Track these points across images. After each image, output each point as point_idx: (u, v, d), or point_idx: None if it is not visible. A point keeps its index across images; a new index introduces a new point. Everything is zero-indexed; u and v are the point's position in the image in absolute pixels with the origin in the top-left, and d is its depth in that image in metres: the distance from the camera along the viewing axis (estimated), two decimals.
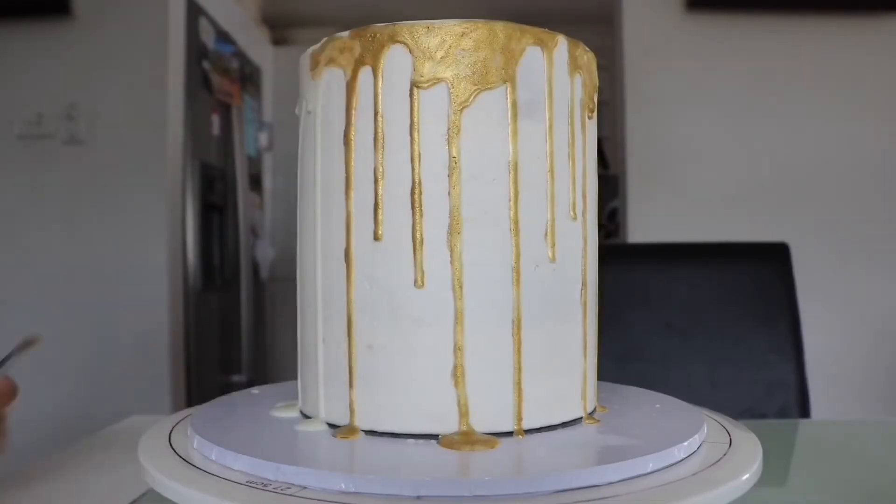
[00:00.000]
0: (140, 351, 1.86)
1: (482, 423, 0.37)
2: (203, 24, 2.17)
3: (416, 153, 0.38)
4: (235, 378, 2.29)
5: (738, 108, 1.91)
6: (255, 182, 2.72)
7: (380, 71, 0.38)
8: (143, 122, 1.88)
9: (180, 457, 0.36)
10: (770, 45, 1.91)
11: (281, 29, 3.32)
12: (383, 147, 0.38)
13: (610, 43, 2.02)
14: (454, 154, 0.38)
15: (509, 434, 0.38)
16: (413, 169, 0.38)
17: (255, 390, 0.51)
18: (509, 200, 0.38)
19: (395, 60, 0.38)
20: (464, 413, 0.37)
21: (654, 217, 1.90)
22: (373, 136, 0.38)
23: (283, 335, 2.80)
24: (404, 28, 0.38)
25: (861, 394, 1.85)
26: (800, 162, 1.90)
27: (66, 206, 1.88)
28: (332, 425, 0.39)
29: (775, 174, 1.90)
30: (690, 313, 1.06)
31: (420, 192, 0.37)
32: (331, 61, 0.40)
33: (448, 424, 0.37)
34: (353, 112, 0.39)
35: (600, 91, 0.46)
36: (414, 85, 0.38)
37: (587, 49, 0.43)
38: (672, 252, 1.18)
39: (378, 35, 0.38)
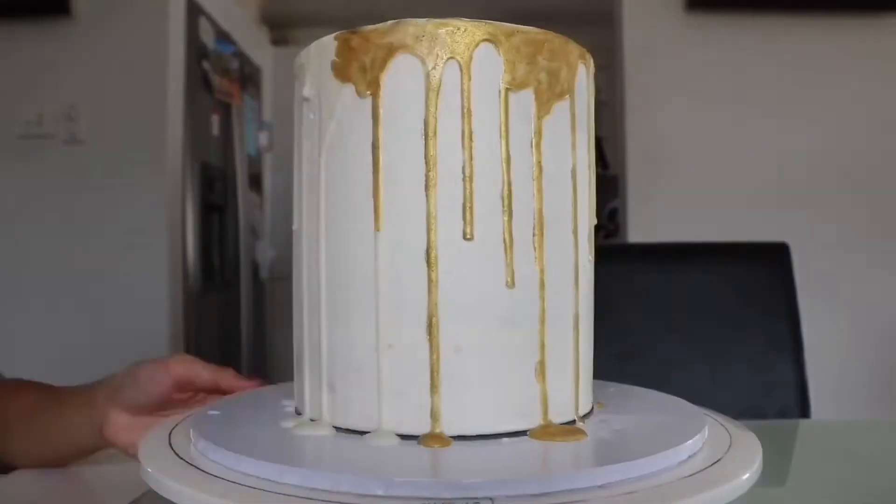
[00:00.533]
0: (140, 351, 1.85)
1: (559, 415, 0.39)
2: (203, 24, 2.17)
3: (505, 155, 0.38)
4: None
5: (738, 107, 1.91)
6: (255, 182, 2.72)
7: (470, 67, 0.37)
8: (143, 122, 1.88)
9: (180, 457, 0.36)
10: (770, 45, 1.91)
11: (281, 29, 3.32)
12: (471, 146, 0.37)
13: (610, 43, 2.02)
14: (537, 159, 0.39)
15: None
16: (504, 170, 0.38)
17: (267, 389, 0.51)
18: (572, 205, 0.41)
19: (486, 59, 0.38)
20: (545, 407, 0.39)
21: (654, 217, 1.90)
22: (460, 134, 0.37)
23: (283, 335, 2.80)
24: (491, 26, 0.38)
25: (861, 393, 1.85)
26: (800, 162, 1.90)
27: (66, 206, 1.88)
28: (402, 435, 0.38)
29: (775, 174, 1.90)
30: (690, 313, 1.06)
31: (510, 194, 0.38)
32: (403, 47, 0.38)
33: (532, 419, 0.39)
34: (436, 107, 0.37)
35: (600, 91, 0.47)
36: (506, 87, 0.38)
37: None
38: (672, 252, 1.18)
39: (466, 29, 0.38)
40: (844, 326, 1.85)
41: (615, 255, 1.13)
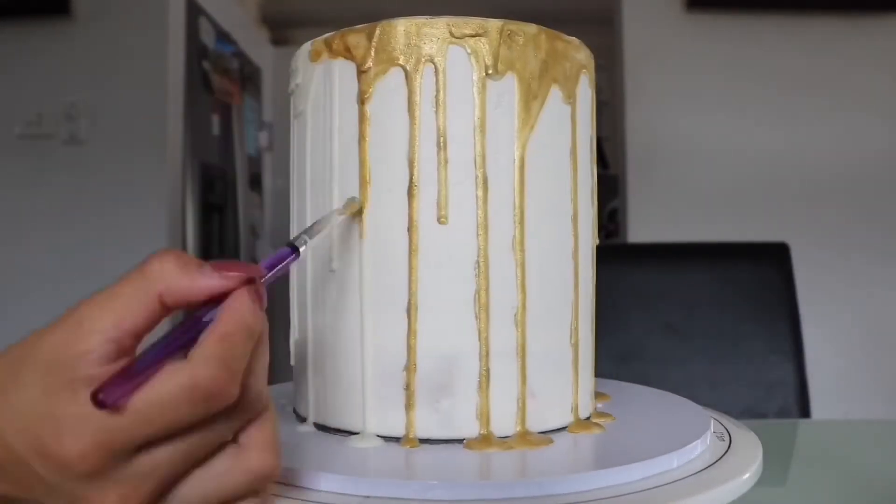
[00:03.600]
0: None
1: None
2: (203, 24, 2.17)
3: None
4: None
5: (738, 107, 1.91)
6: (255, 182, 2.72)
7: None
8: (143, 122, 1.87)
9: None
10: (770, 44, 1.91)
11: (281, 29, 3.31)
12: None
13: (610, 43, 2.02)
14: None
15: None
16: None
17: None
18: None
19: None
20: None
21: (654, 217, 1.90)
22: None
23: (282, 335, 2.80)
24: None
25: (861, 394, 1.84)
26: (800, 162, 1.89)
27: (66, 206, 1.88)
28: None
29: (775, 174, 1.89)
30: (690, 313, 1.06)
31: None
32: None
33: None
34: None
35: (600, 91, 0.47)
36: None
37: None
38: (672, 252, 1.18)
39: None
40: (844, 326, 1.85)
41: (615, 255, 1.13)
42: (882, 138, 1.90)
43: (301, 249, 0.34)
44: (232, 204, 2.41)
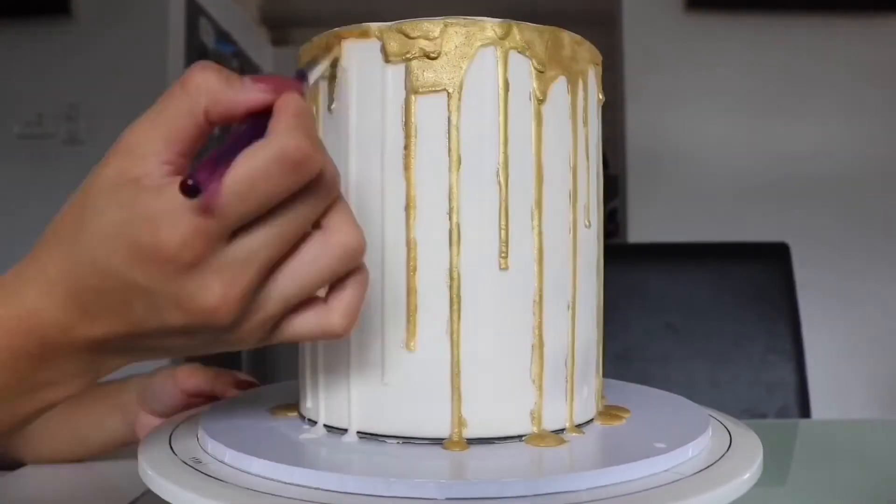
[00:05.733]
0: None
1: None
2: (203, 24, 2.17)
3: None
4: None
5: (738, 108, 1.91)
6: None
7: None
8: None
9: (181, 459, 0.36)
10: (770, 44, 1.91)
11: (281, 29, 3.31)
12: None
13: (610, 43, 2.02)
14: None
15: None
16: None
17: (266, 388, 0.51)
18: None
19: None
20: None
21: (654, 217, 1.90)
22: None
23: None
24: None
25: (861, 393, 1.85)
26: (800, 162, 1.90)
27: None
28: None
29: (775, 174, 1.90)
30: (690, 313, 1.06)
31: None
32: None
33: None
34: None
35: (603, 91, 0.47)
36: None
37: None
38: (672, 252, 1.18)
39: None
40: (844, 326, 1.85)
41: (615, 255, 1.13)
42: (882, 138, 1.90)
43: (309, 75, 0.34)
44: None
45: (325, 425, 0.39)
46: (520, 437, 0.37)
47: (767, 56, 1.91)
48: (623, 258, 1.13)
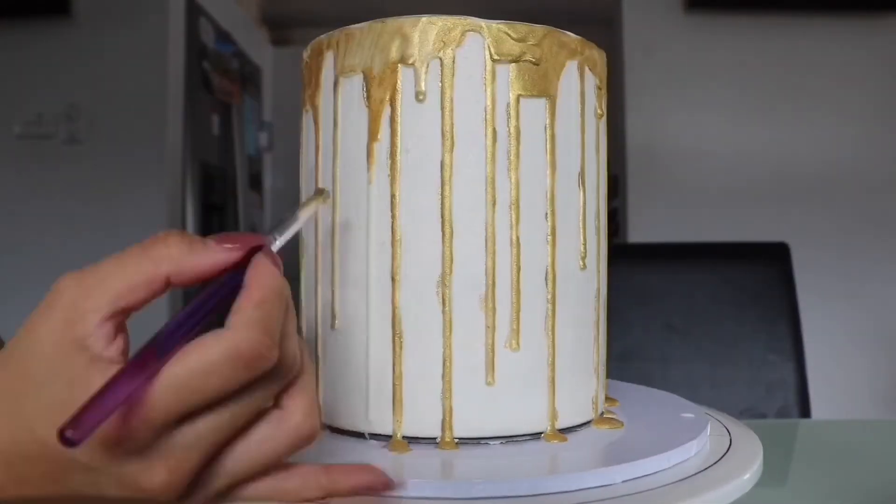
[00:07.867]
0: None
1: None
2: (203, 24, 2.16)
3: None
4: None
5: (738, 108, 1.91)
6: (255, 182, 2.72)
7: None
8: (143, 122, 1.87)
9: None
10: (770, 44, 1.91)
11: (281, 29, 3.31)
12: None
13: (610, 43, 2.02)
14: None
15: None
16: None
17: None
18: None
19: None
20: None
21: (654, 217, 1.90)
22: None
23: None
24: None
25: (861, 393, 1.85)
26: (800, 162, 1.90)
27: (66, 205, 1.88)
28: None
29: (775, 174, 1.89)
30: (690, 313, 1.06)
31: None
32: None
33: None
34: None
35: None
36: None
37: None
38: (672, 252, 1.18)
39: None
40: (844, 326, 1.85)
41: (615, 255, 1.13)
42: (882, 138, 1.90)
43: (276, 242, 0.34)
44: (232, 204, 2.41)
45: (405, 437, 0.38)
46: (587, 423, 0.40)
47: (767, 56, 1.90)
48: (623, 258, 1.13)
